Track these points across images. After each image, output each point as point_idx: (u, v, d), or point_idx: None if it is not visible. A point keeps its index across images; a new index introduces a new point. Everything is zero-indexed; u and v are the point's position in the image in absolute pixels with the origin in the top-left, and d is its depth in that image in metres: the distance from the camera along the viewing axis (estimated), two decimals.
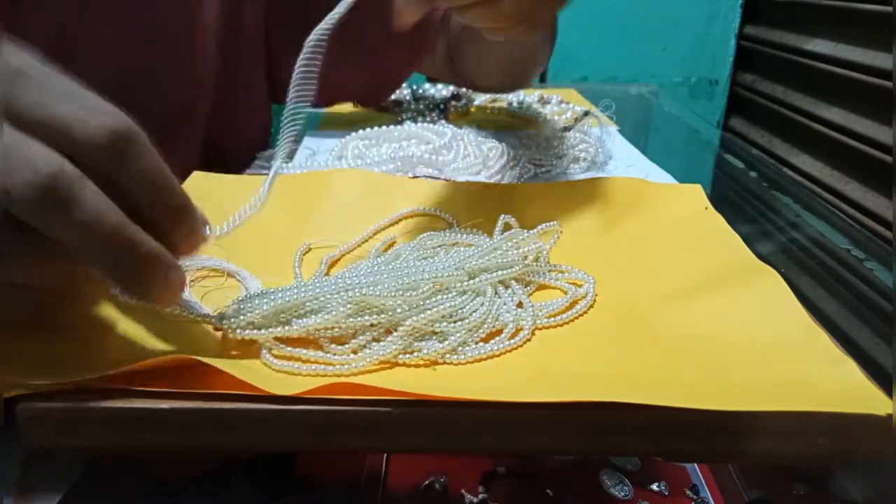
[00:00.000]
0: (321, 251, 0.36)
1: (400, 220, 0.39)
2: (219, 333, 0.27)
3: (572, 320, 0.30)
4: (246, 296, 0.29)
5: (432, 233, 0.36)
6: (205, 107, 0.51)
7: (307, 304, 0.28)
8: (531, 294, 0.32)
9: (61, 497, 0.25)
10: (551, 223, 0.37)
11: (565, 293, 0.31)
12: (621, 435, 0.24)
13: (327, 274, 0.34)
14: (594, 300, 0.31)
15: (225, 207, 0.39)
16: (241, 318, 0.27)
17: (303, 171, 0.51)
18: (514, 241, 0.34)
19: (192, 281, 0.31)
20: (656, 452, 0.26)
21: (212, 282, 0.32)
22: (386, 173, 0.46)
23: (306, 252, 0.36)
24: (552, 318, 0.30)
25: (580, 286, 0.31)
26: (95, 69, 0.39)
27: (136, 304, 0.23)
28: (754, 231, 0.50)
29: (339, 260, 0.36)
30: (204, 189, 0.41)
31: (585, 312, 0.30)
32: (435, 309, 0.27)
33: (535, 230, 0.36)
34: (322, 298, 0.28)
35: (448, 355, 0.27)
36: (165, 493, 0.29)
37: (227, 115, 0.54)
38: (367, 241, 0.38)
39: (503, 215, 0.37)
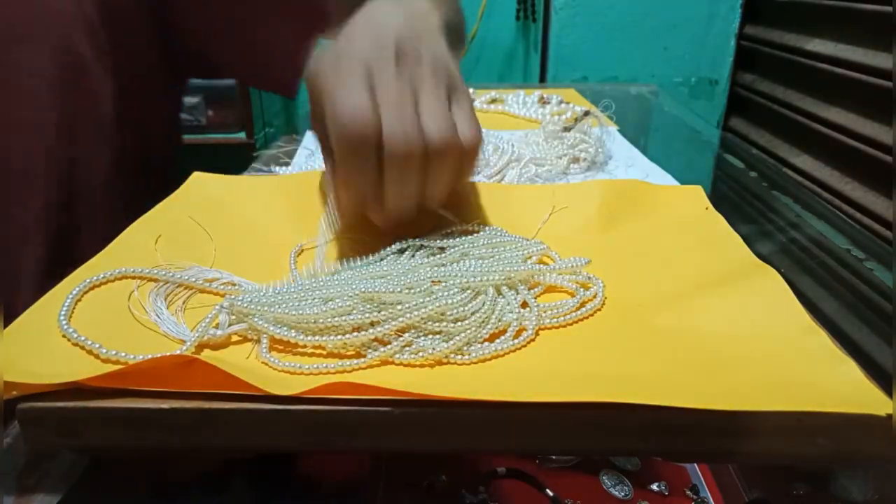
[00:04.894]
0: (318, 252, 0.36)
1: None
2: (220, 332, 0.27)
3: (575, 322, 0.30)
4: (252, 289, 0.29)
5: (434, 232, 0.36)
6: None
7: (313, 294, 0.28)
8: (538, 296, 0.32)
9: (61, 497, 0.25)
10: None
11: (573, 295, 0.31)
12: (621, 435, 0.24)
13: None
14: (603, 302, 0.31)
15: (224, 207, 0.39)
16: (247, 305, 0.27)
17: (301, 170, 0.51)
18: (517, 241, 0.34)
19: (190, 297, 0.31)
20: (656, 452, 0.26)
21: (211, 298, 0.31)
22: None
23: (299, 253, 0.36)
24: (556, 319, 0.29)
25: (588, 288, 0.31)
26: None
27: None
28: (754, 231, 0.50)
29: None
30: (203, 189, 0.41)
31: (589, 313, 0.30)
32: (436, 308, 0.27)
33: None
34: (326, 291, 0.28)
35: (451, 355, 0.26)
36: (165, 493, 0.29)
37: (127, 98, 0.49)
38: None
39: (491, 224, 0.36)
